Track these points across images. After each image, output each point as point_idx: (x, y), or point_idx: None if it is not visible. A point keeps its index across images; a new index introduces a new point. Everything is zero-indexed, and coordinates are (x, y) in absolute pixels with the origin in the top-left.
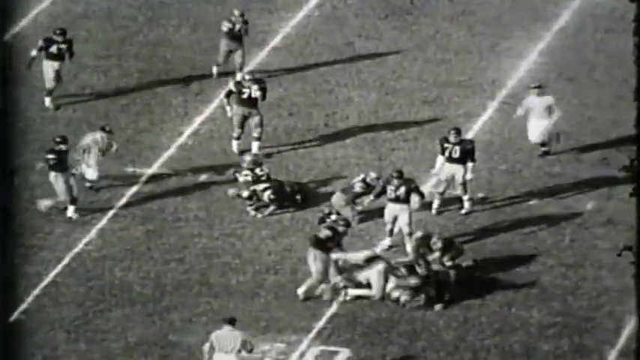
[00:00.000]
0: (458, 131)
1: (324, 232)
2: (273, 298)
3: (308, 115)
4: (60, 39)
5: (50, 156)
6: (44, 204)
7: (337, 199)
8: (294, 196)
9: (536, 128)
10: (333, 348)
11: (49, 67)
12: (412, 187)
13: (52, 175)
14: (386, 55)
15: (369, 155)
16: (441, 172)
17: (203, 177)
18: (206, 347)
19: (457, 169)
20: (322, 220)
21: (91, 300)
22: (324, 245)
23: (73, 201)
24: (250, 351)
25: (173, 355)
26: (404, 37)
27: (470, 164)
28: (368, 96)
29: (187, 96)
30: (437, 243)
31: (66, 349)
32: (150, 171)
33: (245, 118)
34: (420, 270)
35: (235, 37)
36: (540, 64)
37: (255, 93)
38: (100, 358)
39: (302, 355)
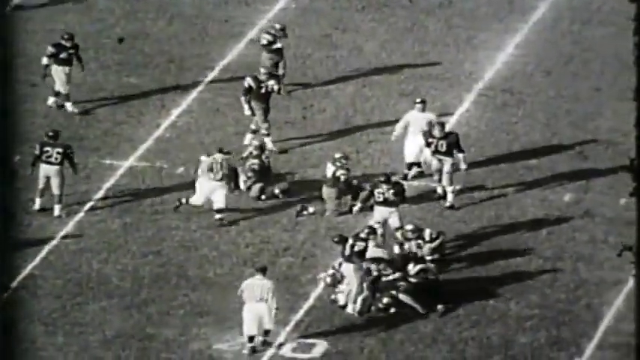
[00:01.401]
0: (442, 125)
1: (359, 245)
2: None
3: (285, 107)
4: (68, 44)
5: (48, 150)
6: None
7: (327, 192)
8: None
9: (413, 146)
10: (310, 340)
11: (61, 73)
12: (400, 190)
13: (48, 168)
14: (363, 48)
15: (346, 148)
16: (431, 165)
17: (180, 169)
18: (239, 293)
19: (445, 162)
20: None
21: (68, 293)
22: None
23: (61, 199)
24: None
25: (151, 348)
26: (381, 29)
27: (461, 155)
28: (345, 88)
29: (165, 88)
30: (432, 233)
31: (44, 342)
32: (127, 163)
33: (265, 113)
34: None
35: (275, 49)
36: (517, 57)
37: (274, 87)
38: (78, 350)
39: (280, 347)
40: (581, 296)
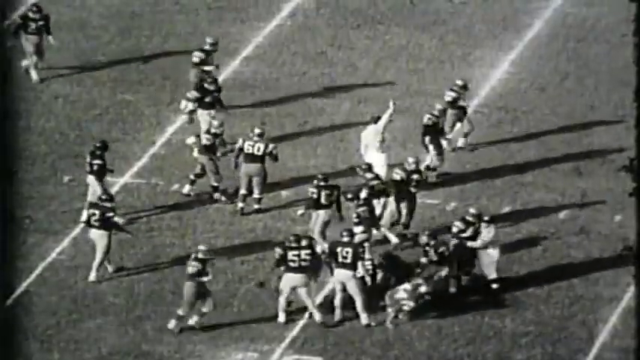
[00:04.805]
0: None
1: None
2: (246, 307)
3: (280, 124)
4: (37, 16)
5: (95, 161)
6: None
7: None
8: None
9: (380, 163)
10: (306, 357)
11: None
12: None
13: (92, 179)
14: (358, 65)
15: (341, 164)
16: None
17: (175, 186)
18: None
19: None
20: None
21: (63, 309)
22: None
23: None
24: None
25: None
26: (376, 46)
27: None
28: (340, 105)
29: (160, 106)
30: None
31: (39, 359)
32: (122, 180)
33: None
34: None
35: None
36: (512, 74)
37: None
38: None
39: None
40: (577, 313)
